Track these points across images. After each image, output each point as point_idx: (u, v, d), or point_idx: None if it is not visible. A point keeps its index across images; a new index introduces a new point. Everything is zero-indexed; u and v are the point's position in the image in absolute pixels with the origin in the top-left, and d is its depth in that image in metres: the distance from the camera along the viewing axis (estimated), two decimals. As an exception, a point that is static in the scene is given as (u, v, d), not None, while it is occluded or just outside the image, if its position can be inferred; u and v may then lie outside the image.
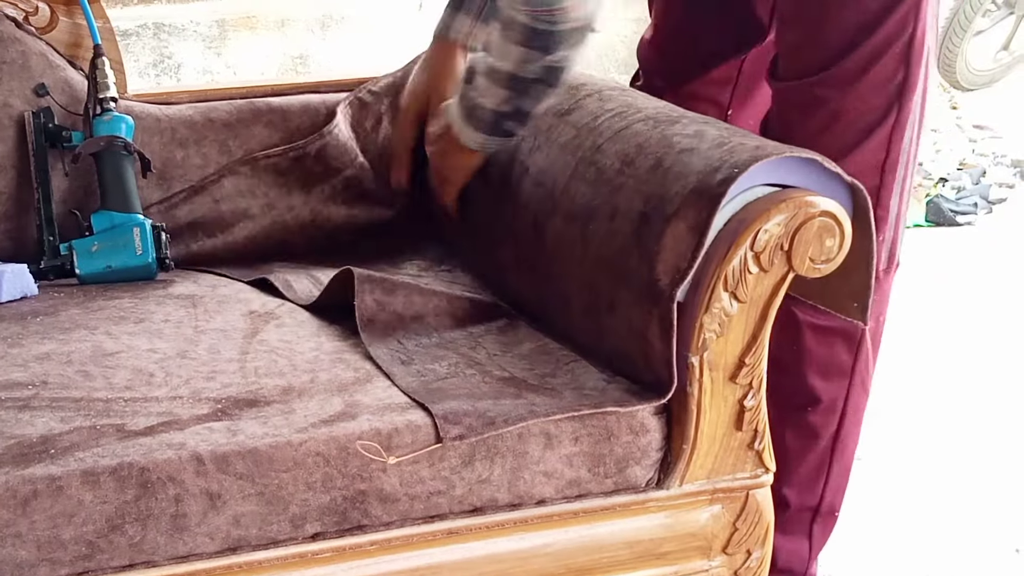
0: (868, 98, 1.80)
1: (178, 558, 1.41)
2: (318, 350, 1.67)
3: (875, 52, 1.77)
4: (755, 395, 1.59)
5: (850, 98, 1.79)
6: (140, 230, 1.97)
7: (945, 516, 2.52)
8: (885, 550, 2.39)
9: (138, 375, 1.59)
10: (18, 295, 1.89)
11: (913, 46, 1.78)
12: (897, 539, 2.43)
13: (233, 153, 2.17)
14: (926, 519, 2.50)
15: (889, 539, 2.43)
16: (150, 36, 4.46)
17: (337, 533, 1.47)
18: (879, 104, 1.81)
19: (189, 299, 1.88)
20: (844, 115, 1.80)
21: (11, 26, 2.06)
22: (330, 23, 4.67)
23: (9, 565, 1.35)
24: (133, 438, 1.43)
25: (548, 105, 1.79)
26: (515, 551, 1.56)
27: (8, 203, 2.05)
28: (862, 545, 2.38)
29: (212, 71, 4.55)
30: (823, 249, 1.52)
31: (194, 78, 4.52)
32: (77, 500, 1.36)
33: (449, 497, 1.49)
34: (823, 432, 2.00)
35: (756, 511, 1.64)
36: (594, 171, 1.72)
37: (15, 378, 1.57)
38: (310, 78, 2.35)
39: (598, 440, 1.53)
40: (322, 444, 1.44)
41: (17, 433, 1.43)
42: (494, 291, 1.90)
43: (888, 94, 1.80)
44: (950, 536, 2.44)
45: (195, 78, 4.52)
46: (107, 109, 2.04)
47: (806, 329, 1.90)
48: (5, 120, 2.05)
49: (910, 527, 2.47)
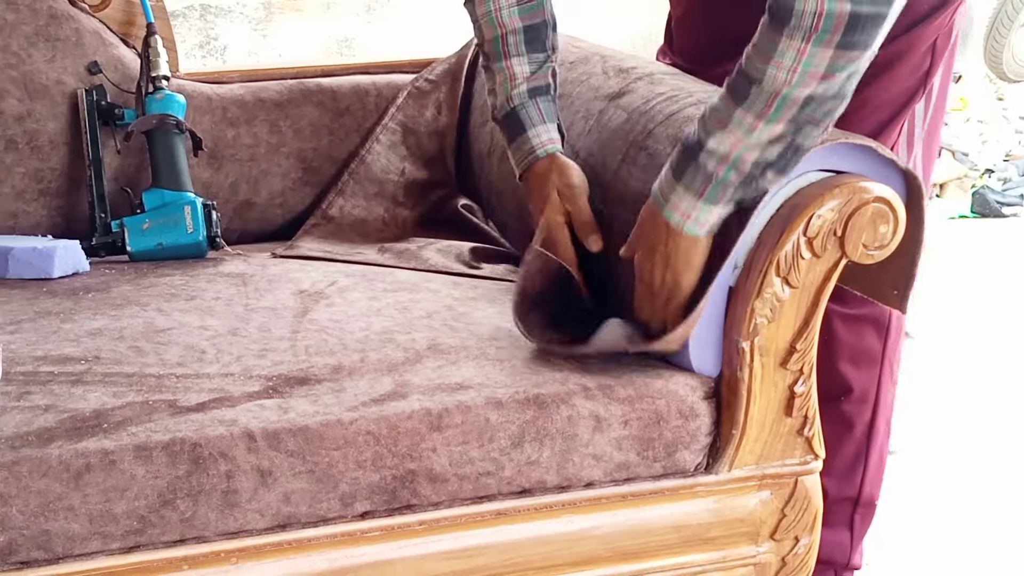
0: (895, 85, 1.79)
1: (228, 534, 1.42)
2: (367, 330, 1.67)
3: (910, 44, 1.77)
4: (805, 381, 1.58)
5: (879, 86, 1.78)
6: (191, 208, 1.99)
7: (985, 507, 2.50)
8: (926, 540, 2.38)
9: (190, 352, 1.60)
10: (70, 271, 1.91)
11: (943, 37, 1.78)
12: (938, 530, 2.42)
13: (283, 133, 2.18)
14: (966, 510, 2.49)
15: (930, 530, 2.41)
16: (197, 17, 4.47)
17: (386, 512, 1.47)
18: (904, 90, 1.80)
19: (239, 277, 1.88)
20: (872, 100, 1.79)
21: (65, 4, 2.08)
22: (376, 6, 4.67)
23: (61, 538, 1.36)
24: (185, 414, 1.44)
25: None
26: (563, 533, 1.55)
27: (60, 180, 2.07)
28: (903, 536, 2.37)
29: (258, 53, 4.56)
30: (876, 235, 1.51)
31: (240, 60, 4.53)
32: (129, 475, 1.37)
33: (498, 478, 1.49)
34: (857, 421, 2.00)
35: (805, 497, 1.63)
36: (645, 156, 1.71)
37: (68, 353, 1.58)
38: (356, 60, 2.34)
39: (647, 424, 1.53)
40: (372, 423, 1.44)
41: (70, 407, 1.44)
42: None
43: (914, 81, 1.80)
44: (990, 527, 2.43)
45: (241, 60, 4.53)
46: (159, 88, 2.06)
47: (835, 318, 1.89)
48: (58, 97, 2.06)
49: (950, 518, 2.46)
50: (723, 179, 1.46)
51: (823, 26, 1.35)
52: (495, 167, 2.11)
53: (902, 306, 1.60)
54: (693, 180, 1.48)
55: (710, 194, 1.47)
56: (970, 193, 4.61)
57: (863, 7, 1.34)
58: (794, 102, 1.40)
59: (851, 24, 1.35)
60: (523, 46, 1.78)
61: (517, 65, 1.78)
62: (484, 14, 1.79)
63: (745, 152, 1.44)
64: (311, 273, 1.92)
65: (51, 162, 2.07)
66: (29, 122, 2.05)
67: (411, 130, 2.26)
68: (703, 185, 1.47)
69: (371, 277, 1.90)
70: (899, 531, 2.38)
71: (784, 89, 1.39)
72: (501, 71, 1.79)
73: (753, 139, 1.43)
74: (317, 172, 2.24)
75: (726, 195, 1.47)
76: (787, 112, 1.41)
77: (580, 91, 1.93)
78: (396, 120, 2.25)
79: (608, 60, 1.97)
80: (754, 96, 1.41)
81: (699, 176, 1.47)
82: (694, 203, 1.48)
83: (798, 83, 1.39)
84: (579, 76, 1.97)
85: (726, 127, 1.44)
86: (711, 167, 1.46)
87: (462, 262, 2.00)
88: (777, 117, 1.41)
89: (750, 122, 1.42)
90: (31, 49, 2.05)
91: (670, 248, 1.52)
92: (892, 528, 2.36)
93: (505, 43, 1.78)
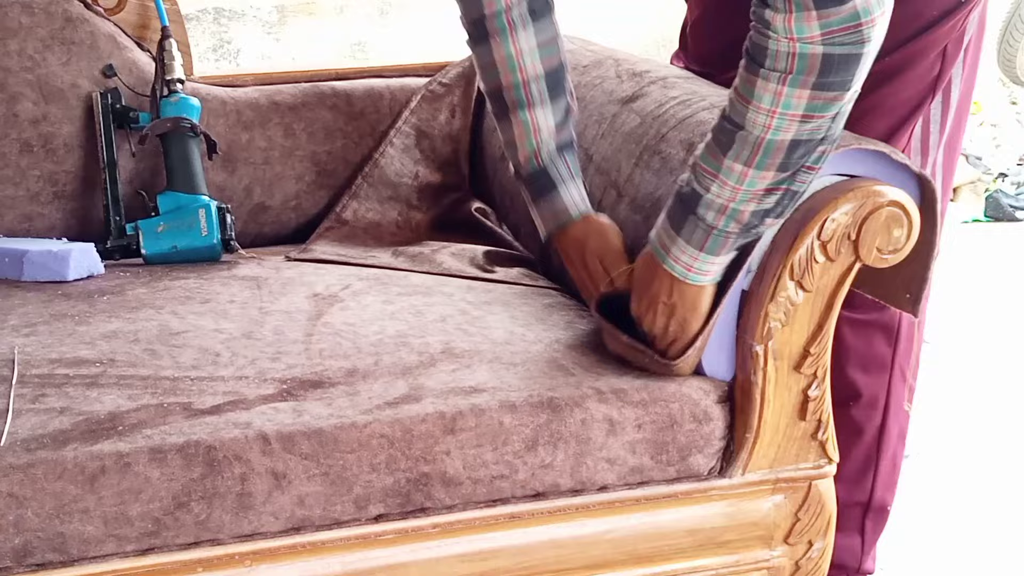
0: (904, 90, 1.79)
1: (243, 536, 1.42)
2: (381, 333, 1.68)
3: (919, 50, 1.76)
4: (819, 385, 1.58)
5: (888, 91, 1.78)
6: (205, 211, 1.99)
7: (1000, 511, 2.50)
8: (942, 544, 2.37)
9: (204, 354, 1.60)
10: (85, 274, 1.91)
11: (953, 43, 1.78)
12: (953, 534, 2.41)
13: (297, 136, 2.18)
14: (981, 514, 2.48)
15: (945, 534, 2.41)
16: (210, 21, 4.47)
17: (400, 515, 1.47)
18: (914, 95, 1.80)
19: (254, 280, 1.89)
20: (881, 105, 1.79)
21: (80, 7, 2.08)
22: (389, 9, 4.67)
23: (76, 540, 1.36)
24: (200, 416, 1.44)
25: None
26: (576, 537, 1.55)
27: (75, 183, 2.08)
28: (919, 540, 2.37)
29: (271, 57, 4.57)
30: (891, 239, 1.51)
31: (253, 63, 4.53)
32: (144, 477, 1.37)
33: (512, 481, 1.50)
34: (867, 426, 1.99)
35: (819, 502, 1.63)
36: (659, 160, 1.71)
37: (83, 355, 1.59)
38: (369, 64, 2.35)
39: (661, 427, 1.53)
40: (386, 426, 1.45)
41: (85, 410, 1.45)
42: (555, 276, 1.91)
43: (923, 87, 1.80)
44: (1006, 531, 2.43)
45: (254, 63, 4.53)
46: (174, 91, 2.06)
47: (844, 324, 1.89)
48: (73, 100, 2.07)
49: (966, 522, 2.46)
50: (723, 230, 1.45)
51: (797, 67, 1.35)
52: (509, 171, 2.11)
53: (914, 310, 1.60)
54: (693, 233, 1.47)
55: (711, 246, 1.47)
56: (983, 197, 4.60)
57: (836, 48, 1.34)
58: (779, 147, 1.39)
59: (825, 65, 1.35)
60: (546, 93, 1.70)
61: (542, 117, 1.70)
62: (504, 58, 1.69)
63: (743, 204, 1.44)
64: (325, 276, 1.92)
65: (66, 165, 2.07)
66: (44, 125, 2.06)
67: (425, 133, 2.26)
68: (704, 237, 1.47)
69: (385, 281, 1.91)
70: (915, 535, 2.37)
71: (768, 135, 1.39)
72: (523, 123, 1.70)
73: (746, 187, 1.42)
74: (331, 175, 2.24)
75: (727, 245, 1.47)
76: (775, 158, 1.40)
77: (593, 95, 1.94)
78: (410, 123, 2.25)
79: (621, 64, 1.98)
80: (739, 143, 1.41)
81: (698, 229, 1.47)
82: (696, 254, 1.48)
83: (778, 127, 1.38)
84: (592, 80, 1.98)
85: (717, 177, 1.44)
86: (710, 219, 1.45)
87: (476, 266, 2.00)
88: (765, 163, 1.41)
89: (740, 170, 1.42)
90: (46, 52, 2.05)
91: (675, 298, 1.52)
92: (907, 532, 2.35)
93: (528, 91, 1.69)
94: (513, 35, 1.69)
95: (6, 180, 2.05)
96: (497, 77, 1.71)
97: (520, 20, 1.68)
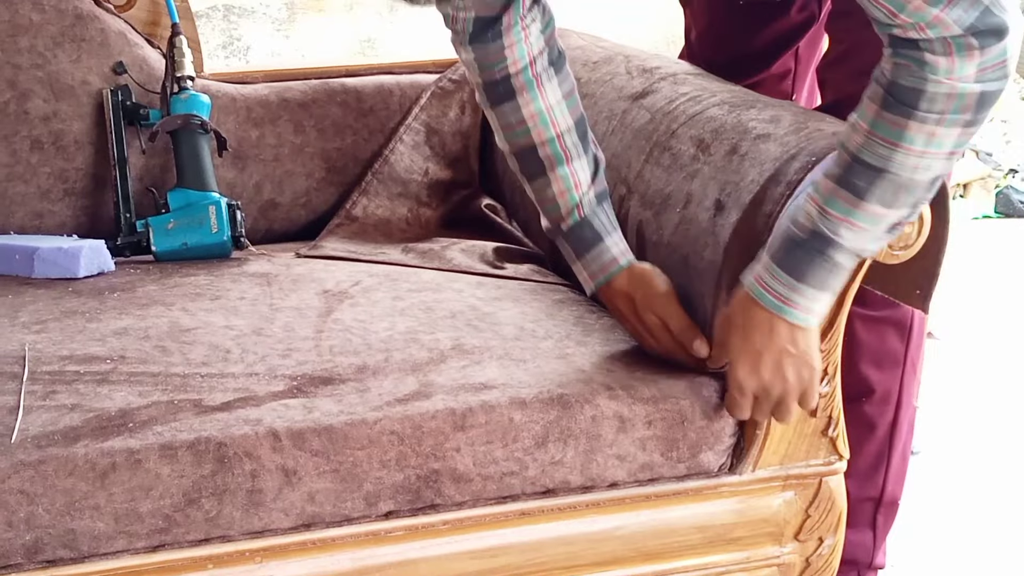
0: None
1: (253, 533, 1.43)
2: (391, 330, 1.68)
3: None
4: (830, 381, 1.58)
5: None
6: (216, 208, 1.99)
7: (1009, 507, 2.49)
8: (950, 540, 2.37)
9: (215, 351, 1.60)
10: (95, 271, 1.91)
11: None
12: (961, 529, 2.41)
13: (307, 133, 2.19)
14: (989, 510, 2.48)
15: (953, 529, 2.41)
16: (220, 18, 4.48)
17: (410, 512, 1.47)
18: None
19: (264, 277, 1.89)
20: None
21: (91, 4, 2.08)
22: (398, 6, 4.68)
23: (87, 537, 1.36)
24: (210, 413, 1.44)
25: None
26: (586, 534, 1.55)
27: (86, 180, 2.08)
28: (927, 535, 2.37)
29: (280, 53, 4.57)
30: (902, 235, 1.50)
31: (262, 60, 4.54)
32: (155, 474, 1.37)
33: (522, 478, 1.50)
34: (879, 422, 1.99)
35: (829, 498, 1.63)
36: (669, 156, 1.71)
37: (94, 352, 1.59)
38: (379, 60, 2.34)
39: (671, 424, 1.53)
40: (396, 423, 1.45)
41: (96, 406, 1.45)
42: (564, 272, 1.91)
43: None
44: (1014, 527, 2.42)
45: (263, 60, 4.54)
46: (184, 88, 2.06)
47: (857, 321, 1.88)
48: (84, 97, 2.07)
49: (974, 517, 2.45)
50: (846, 267, 1.45)
51: (954, 107, 1.34)
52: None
53: (924, 306, 1.60)
54: (823, 278, 1.45)
55: (834, 283, 1.46)
56: (994, 193, 4.59)
57: (988, 85, 1.34)
58: (920, 185, 1.39)
59: (980, 102, 1.34)
60: (579, 145, 1.66)
61: (580, 170, 1.65)
62: (535, 114, 1.65)
63: (871, 243, 1.44)
64: (335, 273, 1.92)
65: (76, 162, 2.07)
66: (55, 122, 2.06)
67: (435, 130, 2.26)
68: (829, 277, 1.45)
69: (395, 277, 1.91)
70: (923, 531, 2.37)
71: (916, 175, 1.38)
72: (563, 178, 1.65)
73: (880, 227, 1.42)
74: (341, 172, 2.24)
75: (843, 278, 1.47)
76: (913, 196, 1.40)
77: (604, 91, 1.93)
78: (420, 120, 2.25)
79: (632, 60, 1.97)
80: (882, 187, 1.39)
81: (831, 274, 1.44)
82: (817, 296, 1.46)
83: (927, 167, 1.37)
84: (603, 76, 1.97)
85: (852, 223, 1.41)
86: (842, 262, 1.44)
87: (486, 262, 2.00)
88: (903, 202, 1.40)
89: (880, 212, 1.40)
90: (56, 50, 2.05)
91: (801, 346, 1.48)
92: (916, 528, 2.35)
93: (564, 145, 1.65)
94: (541, 89, 1.65)
95: (16, 177, 2.05)
96: (528, 135, 1.66)
97: (545, 73, 1.65)
